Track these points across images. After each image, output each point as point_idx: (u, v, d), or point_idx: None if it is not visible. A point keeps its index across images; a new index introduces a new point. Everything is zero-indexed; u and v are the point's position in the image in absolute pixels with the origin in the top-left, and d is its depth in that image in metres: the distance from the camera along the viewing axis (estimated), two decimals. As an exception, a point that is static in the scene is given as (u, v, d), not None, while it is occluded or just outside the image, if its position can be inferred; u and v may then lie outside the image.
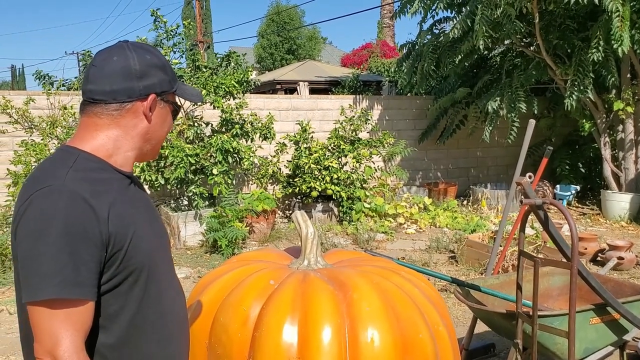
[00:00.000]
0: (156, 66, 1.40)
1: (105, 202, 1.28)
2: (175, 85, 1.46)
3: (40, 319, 1.21)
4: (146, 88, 1.38)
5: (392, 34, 23.77)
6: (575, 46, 8.23)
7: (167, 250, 1.55)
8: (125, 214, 1.33)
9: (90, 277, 1.24)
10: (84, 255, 1.22)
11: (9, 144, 7.50)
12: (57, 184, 1.24)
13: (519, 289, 3.03)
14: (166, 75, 1.42)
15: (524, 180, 2.81)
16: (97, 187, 1.29)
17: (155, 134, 1.45)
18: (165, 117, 1.46)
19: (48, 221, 1.20)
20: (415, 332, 2.32)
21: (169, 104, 1.46)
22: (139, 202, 1.44)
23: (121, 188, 1.38)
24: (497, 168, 11.85)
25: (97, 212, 1.25)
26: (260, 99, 9.54)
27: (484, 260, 6.14)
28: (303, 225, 2.76)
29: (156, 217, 1.53)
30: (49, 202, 1.22)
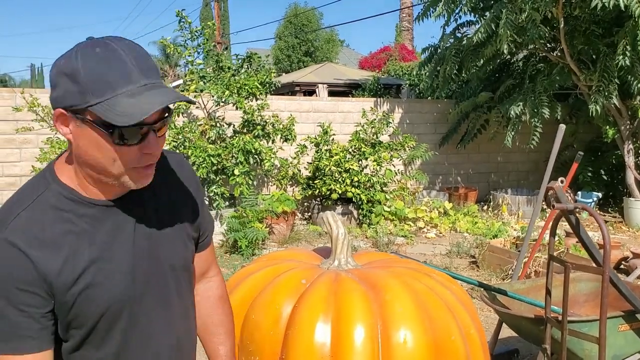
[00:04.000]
0: (62, 73, 1.07)
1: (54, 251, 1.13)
2: (97, 98, 1.05)
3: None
4: (53, 100, 1.11)
5: (410, 38, 23.72)
6: (601, 52, 8.15)
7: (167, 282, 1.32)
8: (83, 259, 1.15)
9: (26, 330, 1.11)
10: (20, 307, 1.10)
11: (35, 141, 7.60)
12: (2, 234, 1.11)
13: (549, 294, 3.01)
14: (74, 86, 1.05)
15: (556, 185, 2.79)
16: (48, 232, 1.13)
17: (86, 157, 1.13)
18: (89, 139, 1.09)
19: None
20: (448, 334, 2.32)
21: (89, 124, 1.08)
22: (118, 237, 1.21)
23: (94, 224, 1.18)
24: (517, 173, 11.78)
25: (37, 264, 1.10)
26: (281, 100, 9.58)
27: (506, 265, 6.11)
28: (334, 226, 2.76)
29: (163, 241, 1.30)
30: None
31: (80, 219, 1.17)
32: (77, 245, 1.15)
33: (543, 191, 3.96)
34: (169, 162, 1.38)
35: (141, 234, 1.25)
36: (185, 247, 1.38)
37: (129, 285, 1.22)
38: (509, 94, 9.82)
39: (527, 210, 9.61)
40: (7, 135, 7.62)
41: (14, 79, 45.77)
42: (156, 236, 1.28)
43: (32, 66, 53.32)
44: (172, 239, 1.32)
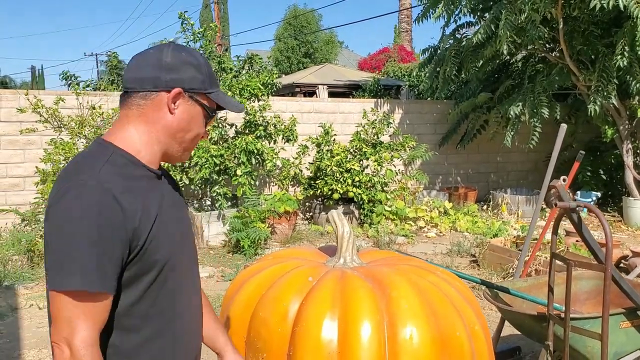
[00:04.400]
0: (189, 63, 1.39)
1: (134, 200, 1.30)
2: (210, 88, 1.43)
3: (62, 307, 1.22)
4: (173, 81, 1.37)
5: (409, 39, 23.75)
6: (599, 52, 8.20)
7: (191, 249, 1.56)
8: (152, 211, 1.34)
9: (113, 272, 1.26)
10: (109, 250, 1.23)
11: (38, 142, 7.64)
12: (90, 179, 1.25)
13: (551, 291, 3.05)
14: (199, 74, 1.40)
15: (559, 184, 2.84)
16: (128, 184, 1.31)
17: (181, 132, 1.41)
18: (193, 116, 1.42)
19: (79, 215, 1.22)
20: (453, 330, 2.36)
21: (198, 104, 1.41)
22: (166, 200, 1.44)
23: (150, 185, 1.39)
24: (517, 173, 11.83)
25: (125, 209, 1.26)
26: (282, 101, 9.62)
27: (506, 264, 6.15)
28: (339, 224, 2.80)
29: (183, 215, 1.54)
30: (81, 197, 1.23)
31: (142, 179, 1.38)
32: (145, 199, 1.34)
33: (544, 191, 4.01)
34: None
35: (178, 205, 1.53)
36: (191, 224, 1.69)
37: (176, 242, 1.44)
38: (508, 95, 9.87)
39: (527, 209, 9.66)
40: (10, 136, 7.65)
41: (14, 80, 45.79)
42: (183, 212, 1.56)
43: (32, 68, 53.34)
44: (185, 214, 1.59)
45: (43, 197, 6.50)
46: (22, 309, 5.19)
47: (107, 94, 8.00)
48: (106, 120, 6.84)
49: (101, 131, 6.70)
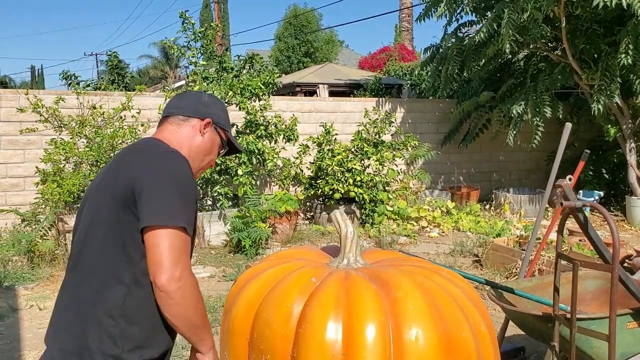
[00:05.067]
0: (220, 106, 1.94)
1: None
2: (228, 128, 1.95)
3: (171, 241, 1.57)
4: (207, 113, 1.88)
5: (410, 38, 23.73)
6: (602, 51, 8.16)
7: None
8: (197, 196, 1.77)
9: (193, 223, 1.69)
10: (192, 207, 1.66)
11: (38, 142, 7.61)
12: (179, 153, 1.74)
13: (556, 292, 3.02)
14: (224, 114, 1.94)
15: (564, 183, 2.80)
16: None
17: (202, 152, 1.89)
18: (214, 144, 1.91)
19: (187, 175, 1.68)
20: (459, 331, 2.32)
21: (219, 135, 1.91)
22: None
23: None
24: (519, 172, 11.79)
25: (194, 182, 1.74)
26: (283, 101, 9.58)
27: (510, 264, 6.12)
28: (342, 225, 2.76)
29: None
30: (180, 162, 1.70)
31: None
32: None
33: (549, 190, 3.98)
34: None
35: None
36: None
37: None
38: (510, 94, 9.83)
39: (530, 209, 9.62)
40: (10, 136, 7.62)
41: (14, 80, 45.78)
42: None
43: (32, 68, 53.25)
44: None
45: (43, 197, 6.47)
46: (23, 309, 5.17)
47: (107, 94, 7.96)
48: (107, 120, 6.80)
49: (102, 131, 6.66)
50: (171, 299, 1.57)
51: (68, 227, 6.34)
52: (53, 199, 6.24)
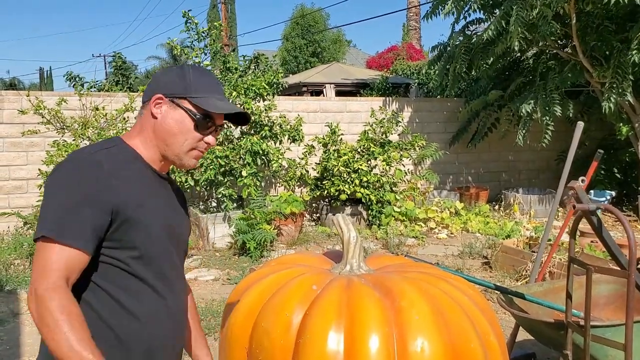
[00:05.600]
0: (173, 72, 1.59)
1: (123, 180, 1.45)
2: (196, 94, 1.54)
3: (36, 256, 1.36)
4: (155, 89, 1.56)
5: (418, 37, 23.62)
6: (614, 48, 7.99)
7: (177, 260, 1.67)
8: (140, 197, 1.48)
9: (85, 231, 1.36)
10: (85, 212, 1.36)
11: (41, 144, 7.55)
12: (84, 155, 1.45)
13: (569, 298, 2.89)
14: (180, 80, 1.55)
15: (577, 185, 2.68)
16: (122, 167, 1.48)
17: (167, 135, 1.55)
18: (177, 120, 1.54)
19: (66, 178, 1.40)
20: (467, 341, 2.21)
21: (180, 108, 1.54)
22: (161, 197, 1.60)
23: (147, 178, 1.56)
24: (528, 172, 11.63)
25: (112, 183, 1.42)
26: (288, 101, 9.48)
27: (520, 266, 5.99)
28: (345, 229, 2.65)
29: (180, 219, 1.70)
30: (71, 165, 1.42)
31: (141, 173, 1.54)
32: (137, 187, 1.50)
33: (561, 191, 3.85)
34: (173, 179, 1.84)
35: (174, 207, 1.69)
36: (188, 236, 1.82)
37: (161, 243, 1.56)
38: (519, 92, 9.68)
39: (539, 209, 9.47)
40: (13, 138, 7.57)
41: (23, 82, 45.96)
42: (180, 216, 1.72)
43: (41, 69, 53.55)
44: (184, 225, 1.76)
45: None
46: (24, 314, 5.10)
47: (110, 95, 7.89)
48: (110, 121, 6.72)
49: (105, 132, 6.59)
50: (34, 319, 1.31)
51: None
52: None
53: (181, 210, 1.73)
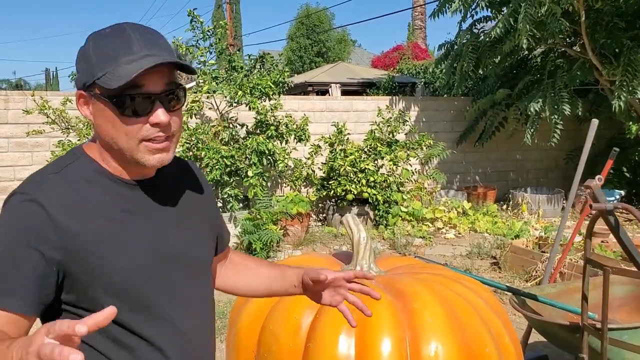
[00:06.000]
0: (81, 57, 1.16)
1: (80, 215, 1.13)
2: (99, 72, 1.11)
3: None
4: (76, 84, 1.20)
5: (423, 36, 23.53)
6: (624, 45, 7.89)
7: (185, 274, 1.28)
8: (102, 231, 1.15)
9: (21, 286, 1.08)
10: (19, 262, 1.09)
11: (46, 144, 7.51)
12: (25, 191, 1.13)
13: (585, 300, 2.82)
14: (86, 64, 1.14)
15: (594, 184, 2.61)
16: (77, 196, 1.15)
17: (105, 136, 1.17)
18: (102, 115, 1.15)
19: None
20: (481, 345, 2.15)
21: (97, 99, 1.14)
22: (142, 215, 1.23)
23: (117, 197, 1.20)
24: (536, 172, 11.52)
25: (59, 224, 1.10)
26: (294, 100, 9.42)
27: (529, 267, 5.91)
28: (355, 230, 2.60)
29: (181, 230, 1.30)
30: (6, 208, 1.13)
31: (104, 191, 1.20)
32: (98, 215, 1.16)
33: (574, 190, 3.77)
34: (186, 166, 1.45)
35: (163, 219, 1.27)
36: (205, 243, 1.39)
37: (153, 272, 1.22)
38: (527, 91, 9.58)
39: (548, 209, 9.37)
40: (18, 138, 7.53)
41: (29, 83, 46.16)
42: (178, 223, 1.30)
43: (46, 70, 53.74)
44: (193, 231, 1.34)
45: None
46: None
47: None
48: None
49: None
50: None
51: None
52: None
53: (185, 215, 1.32)
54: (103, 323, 0.82)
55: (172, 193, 1.32)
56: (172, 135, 1.19)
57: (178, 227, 1.29)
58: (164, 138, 1.17)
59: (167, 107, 1.15)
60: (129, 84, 1.09)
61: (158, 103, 1.14)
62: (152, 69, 1.10)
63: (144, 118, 1.14)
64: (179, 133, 1.23)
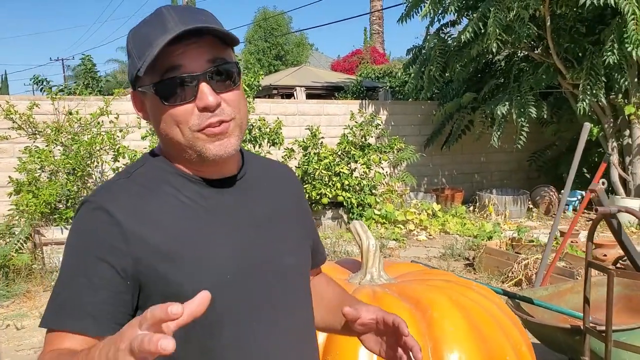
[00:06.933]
0: (127, 54, 1.07)
1: (149, 221, 1.02)
2: (139, 61, 1.00)
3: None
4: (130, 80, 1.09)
5: (381, 41, 23.73)
6: (586, 50, 8.14)
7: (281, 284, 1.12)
8: (182, 236, 1.02)
9: (94, 305, 0.98)
10: (91, 278, 0.98)
11: (10, 150, 7.22)
12: (94, 199, 1.04)
13: (587, 303, 2.86)
14: (131, 60, 1.04)
15: (598, 188, 2.65)
16: (146, 201, 1.04)
17: (161, 133, 1.06)
18: (153, 109, 1.05)
19: (69, 241, 1.03)
20: (502, 353, 2.14)
21: (143, 94, 1.05)
22: (221, 216, 1.07)
23: (193, 199, 1.06)
24: (500, 173, 11.77)
25: (126, 230, 0.99)
26: (266, 103, 9.35)
27: (505, 268, 6.00)
28: (364, 237, 2.56)
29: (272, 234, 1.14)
30: (74, 221, 1.05)
31: (179, 192, 1.07)
32: (174, 219, 1.04)
33: (567, 192, 3.84)
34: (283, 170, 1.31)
35: (249, 221, 1.11)
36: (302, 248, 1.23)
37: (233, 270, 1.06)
38: (492, 94, 9.78)
39: (514, 210, 9.56)
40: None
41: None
42: (265, 229, 1.13)
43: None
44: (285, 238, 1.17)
45: (18, 208, 6.09)
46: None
47: (84, 99, 7.60)
48: (84, 125, 6.46)
49: (79, 137, 6.32)
50: None
51: (45, 239, 5.99)
52: (29, 211, 5.87)
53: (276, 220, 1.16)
54: (197, 311, 0.72)
55: (260, 195, 1.16)
56: (231, 118, 1.03)
57: (267, 232, 1.13)
58: (219, 123, 1.02)
59: (215, 87, 1.01)
60: (166, 67, 0.98)
61: (203, 83, 1.00)
62: (190, 46, 0.98)
63: (191, 104, 1.00)
64: (241, 115, 1.06)
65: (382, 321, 1.13)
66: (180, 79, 0.99)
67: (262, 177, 1.20)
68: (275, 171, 1.27)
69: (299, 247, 1.20)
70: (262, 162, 1.26)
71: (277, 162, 1.33)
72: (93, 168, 6.37)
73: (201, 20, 1.01)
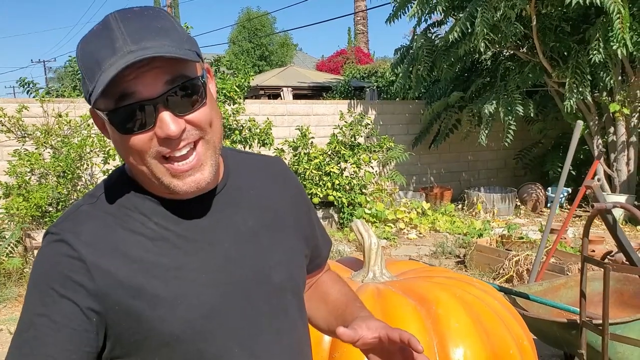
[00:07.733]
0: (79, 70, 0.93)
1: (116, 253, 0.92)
2: (90, 83, 0.88)
3: None
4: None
5: (365, 41, 23.81)
6: (572, 48, 8.26)
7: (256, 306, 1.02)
8: (154, 267, 0.94)
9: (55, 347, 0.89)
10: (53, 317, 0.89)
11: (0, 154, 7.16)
12: (56, 229, 0.95)
13: (583, 297, 2.92)
14: (82, 77, 0.91)
15: (594, 184, 2.71)
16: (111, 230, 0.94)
17: (122, 157, 0.96)
18: (112, 135, 0.94)
19: (30, 275, 0.95)
20: (506, 348, 2.18)
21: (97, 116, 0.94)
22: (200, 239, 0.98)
23: (165, 225, 0.97)
24: (487, 172, 11.87)
25: (90, 265, 0.90)
26: (255, 104, 9.36)
27: (496, 264, 6.07)
28: (365, 235, 2.60)
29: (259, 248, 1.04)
30: (38, 252, 0.96)
31: (149, 217, 0.96)
32: (144, 250, 0.94)
33: (560, 189, 3.91)
34: (268, 163, 1.19)
35: (229, 240, 1.01)
36: (294, 259, 1.12)
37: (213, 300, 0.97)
38: (479, 93, 9.87)
39: (502, 207, 9.66)
40: (-34, 148, 7.15)
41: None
42: (250, 245, 1.04)
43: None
44: (275, 250, 1.07)
45: (8, 212, 6.05)
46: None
47: (73, 101, 7.54)
48: (74, 128, 6.42)
49: (69, 140, 6.29)
50: None
51: (36, 243, 5.95)
52: (19, 214, 5.83)
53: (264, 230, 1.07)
54: None
55: (245, 206, 1.06)
56: (200, 138, 0.93)
57: (252, 248, 1.04)
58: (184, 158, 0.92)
59: (178, 109, 0.89)
60: (118, 94, 0.86)
61: (161, 109, 0.88)
62: (142, 69, 0.86)
63: (150, 132, 0.89)
64: (214, 129, 0.95)
65: (387, 339, 1.00)
66: (135, 106, 0.87)
67: (248, 183, 1.10)
68: (266, 171, 1.16)
69: (291, 258, 1.11)
70: (250, 162, 1.15)
71: (268, 158, 1.22)
72: (83, 171, 6.34)
73: (155, 31, 0.88)
